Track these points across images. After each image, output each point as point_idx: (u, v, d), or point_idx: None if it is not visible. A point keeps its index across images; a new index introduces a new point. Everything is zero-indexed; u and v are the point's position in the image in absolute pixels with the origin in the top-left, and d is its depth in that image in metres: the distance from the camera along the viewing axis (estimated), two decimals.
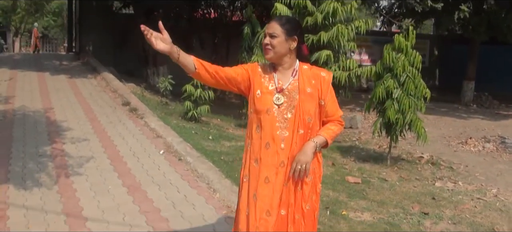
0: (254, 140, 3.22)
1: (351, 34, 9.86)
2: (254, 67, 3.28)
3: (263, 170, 3.17)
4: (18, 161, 6.80)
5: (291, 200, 3.18)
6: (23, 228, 4.74)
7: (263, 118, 3.18)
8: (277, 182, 3.15)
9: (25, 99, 11.02)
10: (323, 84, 3.26)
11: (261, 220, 3.16)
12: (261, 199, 3.16)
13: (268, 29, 3.19)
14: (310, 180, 3.22)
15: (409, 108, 8.00)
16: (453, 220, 5.88)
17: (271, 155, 3.17)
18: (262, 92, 3.21)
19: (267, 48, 3.19)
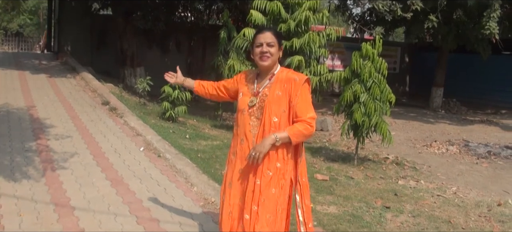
0: (234, 135, 3.83)
1: (322, 41, 10.34)
2: (241, 76, 3.91)
3: (237, 163, 3.74)
4: (5, 155, 7.17)
5: (250, 194, 3.64)
6: (15, 215, 5.12)
7: (240, 117, 3.74)
8: (249, 172, 3.67)
9: (8, 96, 11.30)
10: (294, 86, 3.63)
11: (234, 206, 3.72)
12: (235, 187, 3.74)
13: (266, 39, 3.65)
14: (270, 174, 3.62)
15: (375, 111, 8.52)
16: (412, 214, 6.37)
17: (244, 149, 3.69)
18: (243, 95, 3.79)
19: (266, 55, 3.65)
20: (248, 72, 3.92)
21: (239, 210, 3.71)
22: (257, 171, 3.64)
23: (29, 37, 47.64)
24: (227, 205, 3.75)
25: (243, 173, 3.72)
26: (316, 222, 5.63)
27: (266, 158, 3.61)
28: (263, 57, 3.67)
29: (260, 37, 3.68)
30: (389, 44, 25.34)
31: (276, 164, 3.65)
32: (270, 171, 3.63)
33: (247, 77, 3.86)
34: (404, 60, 25.83)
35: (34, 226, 4.88)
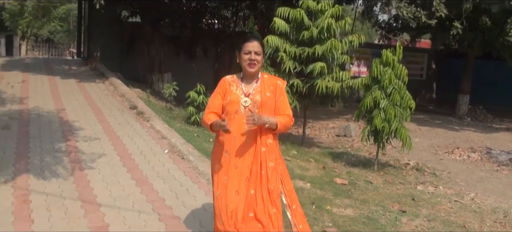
0: (224, 135, 4.07)
1: (344, 47, 10.49)
2: (223, 83, 4.23)
3: (232, 159, 4.04)
4: (36, 155, 7.51)
5: (258, 182, 3.99)
6: (44, 210, 5.43)
7: (232, 118, 4.04)
8: (244, 167, 4.02)
9: (39, 100, 11.72)
10: (278, 89, 4.17)
11: (231, 198, 3.99)
12: (231, 181, 4.02)
13: (254, 48, 4.07)
14: (272, 165, 4.04)
15: (395, 117, 8.67)
16: (428, 218, 6.50)
17: (239, 146, 4.04)
18: (231, 97, 4.11)
19: (254, 63, 4.07)
20: (229, 78, 4.24)
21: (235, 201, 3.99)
22: (257, 161, 4.02)
23: (60, 44, 48.64)
24: (223, 198, 4.02)
25: (239, 167, 4.03)
26: (331, 223, 5.81)
27: (263, 132, 4.05)
28: (251, 64, 4.08)
29: (249, 45, 4.08)
30: (416, 50, 25.29)
31: (274, 154, 4.10)
32: (271, 162, 4.05)
33: (231, 82, 4.20)
34: (431, 67, 25.74)
35: (61, 220, 5.18)
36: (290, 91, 10.40)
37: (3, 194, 5.86)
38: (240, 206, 3.97)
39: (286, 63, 10.21)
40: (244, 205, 3.98)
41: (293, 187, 4.35)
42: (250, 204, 3.97)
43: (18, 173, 6.64)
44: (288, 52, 10.33)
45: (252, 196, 3.98)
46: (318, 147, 11.44)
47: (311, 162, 9.28)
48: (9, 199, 5.71)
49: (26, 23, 45.37)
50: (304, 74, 10.40)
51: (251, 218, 3.94)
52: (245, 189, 4.01)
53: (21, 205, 5.53)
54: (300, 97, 10.66)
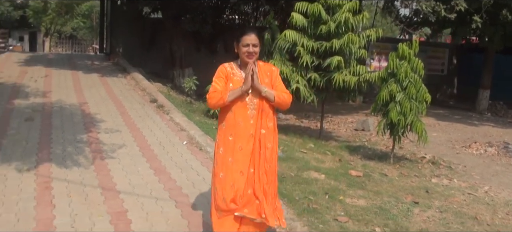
0: (228, 121, 4.35)
1: (362, 42, 10.57)
2: (223, 69, 4.46)
3: (237, 141, 4.30)
4: (58, 145, 7.78)
5: (257, 161, 4.31)
6: (65, 196, 5.68)
7: (236, 103, 4.33)
8: (248, 148, 4.30)
9: (61, 94, 12.03)
10: (273, 75, 4.50)
11: (236, 178, 4.27)
12: (236, 162, 4.29)
13: (252, 41, 4.31)
14: (270, 146, 4.37)
15: (410, 110, 8.75)
16: (440, 209, 6.58)
17: (243, 129, 4.31)
18: (234, 84, 4.36)
19: (252, 54, 4.32)
20: (227, 66, 4.49)
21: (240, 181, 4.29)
22: (258, 142, 4.33)
23: (83, 40, 49.16)
24: (229, 178, 4.27)
25: (243, 149, 4.31)
26: (343, 212, 5.94)
27: (264, 115, 4.36)
28: (249, 56, 4.32)
29: (247, 38, 4.32)
30: (437, 45, 25.14)
31: (272, 136, 4.42)
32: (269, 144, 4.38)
33: (231, 70, 4.45)
34: (452, 62, 25.54)
35: (82, 205, 5.42)
36: (307, 85, 10.53)
37: (26, 181, 6.12)
38: (243, 185, 4.27)
39: (303, 57, 10.33)
40: (244, 184, 4.27)
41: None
42: (249, 182, 4.29)
43: (40, 161, 6.91)
44: (306, 46, 10.44)
45: (251, 174, 4.30)
46: (335, 140, 11.55)
47: (327, 155, 9.39)
48: (32, 185, 5.98)
49: (50, 20, 46.00)
50: (322, 68, 10.50)
51: (249, 195, 4.26)
52: (247, 168, 4.29)
53: (43, 191, 5.78)
54: (318, 91, 10.77)
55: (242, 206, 4.24)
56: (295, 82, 10.35)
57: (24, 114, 9.66)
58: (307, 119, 15.10)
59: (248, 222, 4.29)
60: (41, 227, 4.84)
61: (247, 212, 4.24)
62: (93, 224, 4.98)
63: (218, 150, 4.42)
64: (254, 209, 4.25)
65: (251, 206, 4.25)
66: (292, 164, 7.92)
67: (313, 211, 5.75)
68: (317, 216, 5.59)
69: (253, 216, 4.24)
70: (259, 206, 4.25)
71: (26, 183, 6.04)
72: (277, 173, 6.35)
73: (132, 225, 5.00)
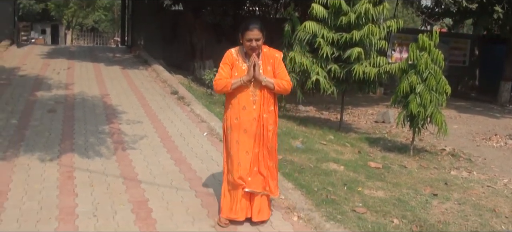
0: (233, 105, 4.83)
1: (382, 33, 10.55)
2: (230, 55, 4.87)
3: (242, 124, 4.78)
4: (80, 136, 7.92)
5: (260, 142, 4.81)
6: (88, 186, 5.80)
7: (239, 90, 4.76)
8: (252, 130, 4.79)
9: (83, 85, 12.18)
10: (276, 61, 4.88)
11: (243, 157, 4.79)
12: (242, 143, 4.79)
13: (254, 36, 4.67)
14: (272, 128, 4.84)
15: (430, 102, 8.74)
16: (459, 202, 6.55)
17: (247, 113, 4.78)
18: (238, 72, 4.78)
19: (254, 48, 4.70)
20: (233, 53, 4.88)
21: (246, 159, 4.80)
22: (260, 125, 4.79)
23: (104, 32, 49.54)
24: (236, 157, 4.78)
25: (248, 131, 4.78)
26: (361, 203, 5.97)
27: (265, 101, 4.80)
28: (252, 49, 4.72)
29: (249, 33, 4.69)
30: (459, 36, 24.84)
31: (273, 119, 4.87)
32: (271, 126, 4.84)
33: (237, 57, 4.85)
34: (474, 53, 25.20)
35: (104, 194, 5.54)
36: (327, 77, 10.54)
37: (49, 170, 6.26)
38: (248, 163, 4.80)
39: (323, 49, 10.35)
40: (250, 162, 4.79)
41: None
42: (254, 160, 4.83)
43: (63, 152, 7.05)
44: (326, 37, 10.45)
45: (256, 154, 4.83)
46: (355, 132, 11.55)
47: (347, 146, 9.40)
48: (55, 175, 6.11)
49: (71, 13, 46.42)
50: (342, 59, 10.52)
51: (255, 172, 4.83)
52: (252, 149, 4.80)
53: (65, 181, 5.91)
54: (338, 83, 10.79)
55: (249, 183, 4.79)
56: (315, 74, 10.37)
57: (47, 105, 9.82)
58: (327, 110, 15.11)
59: (257, 197, 4.87)
60: (64, 215, 4.95)
61: (254, 187, 4.81)
62: (114, 213, 5.08)
63: (227, 131, 4.94)
64: (259, 184, 4.82)
65: (257, 182, 4.82)
66: (312, 156, 7.96)
67: (331, 202, 5.79)
68: (336, 207, 5.63)
69: (259, 190, 4.82)
70: (264, 181, 4.84)
71: (49, 173, 6.17)
72: (296, 164, 6.47)
73: (152, 214, 5.10)
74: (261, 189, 4.83)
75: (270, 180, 4.88)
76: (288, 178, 6.49)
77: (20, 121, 8.65)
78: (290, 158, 7.61)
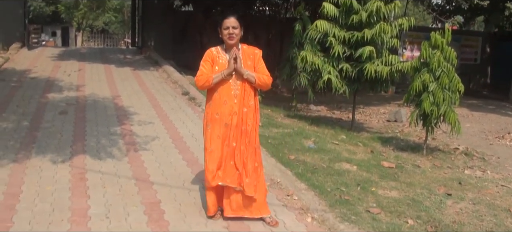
0: (214, 100, 4.83)
1: (394, 31, 10.48)
2: (210, 53, 4.91)
3: (222, 119, 4.79)
4: (92, 138, 7.90)
5: (238, 136, 4.82)
6: (100, 187, 5.78)
7: (221, 84, 4.79)
8: (232, 124, 4.80)
9: (94, 87, 12.19)
10: (256, 57, 4.93)
11: (223, 150, 4.82)
12: (223, 137, 4.81)
13: (231, 24, 4.72)
14: (251, 123, 4.85)
15: (443, 100, 8.66)
16: (473, 201, 6.47)
17: (228, 108, 4.79)
18: (219, 67, 4.81)
19: (232, 36, 4.74)
20: (214, 50, 4.92)
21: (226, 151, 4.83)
22: (240, 119, 4.80)
23: (115, 34, 49.73)
24: (218, 150, 4.81)
25: (228, 125, 4.79)
26: (375, 204, 5.91)
27: (246, 95, 4.83)
28: (230, 37, 4.75)
29: (226, 22, 4.74)
30: (470, 33, 24.67)
31: (253, 115, 4.88)
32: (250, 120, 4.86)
33: (217, 54, 4.89)
34: (485, 51, 24.98)
35: (116, 196, 5.51)
36: (339, 76, 10.49)
37: (61, 172, 6.24)
38: (225, 156, 4.83)
39: (335, 48, 10.31)
40: (227, 155, 4.83)
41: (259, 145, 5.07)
42: (231, 154, 4.84)
43: (75, 153, 7.03)
44: (337, 36, 10.41)
45: (233, 148, 4.83)
46: (367, 132, 11.49)
47: (359, 146, 9.34)
48: (66, 177, 6.09)
49: (81, 15, 46.62)
50: (353, 58, 10.46)
51: (231, 166, 4.84)
52: (230, 142, 4.82)
53: (77, 182, 5.89)
54: (349, 82, 10.73)
55: (224, 176, 4.82)
56: (326, 73, 10.34)
57: (58, 107, 9.83)
58: (339, 110, 15.06)
59: (233, 193, 4.87)
60: (76, 217, 4.93)
61: (229, 182, 4.81)
62: (127, 214, 5.05)
63: (206, 127, 4.89)
64: (235, 179, 4.82)
65: (232, 176, 4.82)
66: (324, 156, 7.90)
67: (345, 203, 5.74)
68: (349, 208, 5.58)
69: (234, 185, 4.81)
70: (239, 176, 4.82)
71: (61, 174, 6.15)
72: (309, 164, 6.40)
73: (165, 216, 5.06)
74: (236, 184, 4.82)
75: (244, 176, 4.82)
76: (301, 178, 6.44)
77: (32, 123, 8.66)
78: (303, 158, 7.57)
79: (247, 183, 4.81)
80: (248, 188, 4.81)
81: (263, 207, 4.97)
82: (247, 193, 4.81)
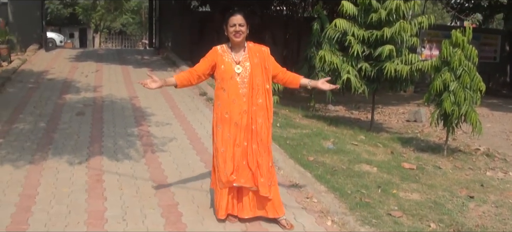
0: (222, 100, 4.77)
1: (414, 29, 10.33)
2: (214, 52, 4.85)
3: (232, 118, 4.73)
4: (109, 139, 7.87)
5: (249, 135, 4.76)
6: (117, 189, 5.74)
7: (228, 83, 4.73)
8: (242, 123, 4.73)
9: (112, 88, 12.19)
10: (264, 54, 4.85)
11: (234, 150, 4.75)
12: (233, 136, 4.75)
13: (238, 21, 4.69)
14: (261, 121, 4.77)
15: (465, 100, 8.49)
16: (496, 204, 6.32)
17: (237, 107, 4.72)
18: (225, 66, 4.75)
19: (239, 33, 4.70)
20: (219, 48, 4.85)
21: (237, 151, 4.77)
22: (250, 118, 4.75)
23: (132, 35, 49.91)
24: (230, 151, 4.75)
25: (238, 124, 4.73)
26: (396, 207, 5.79)
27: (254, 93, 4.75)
28: (236, 34, 4.70)
29: (233, 19, 4.71)
30: (489, 31, 24.33)
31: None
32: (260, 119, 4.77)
33: (222, 52, 4.82)
34: (505, 49, 24.59)
35: (133, 198, 5.46)
36: (358, 75, 10.36)
37: (77, 174, 6.22)
38: (238, 156, 4.75)
39: (354, 47, 10.18)
40: (239, 155, 4.75)
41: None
42: (243, 154, 4.77)
43: (92, 155, 7.02)
44: (356, 35, 10.28)
45: (245, 147, 4.77)
46: (387, 132, 11.35)
47: (379, 147, 9.21)
48: (83, 178, 6.07)
49: (99, 17, 46.89)
50: (373, 57, 10.33)
51: (244, 166, 4.77)
52: (241, 141, 4.75)
53: (94, 184, 5.86)
54: (369, 81, 10.60)
55: (239, 177, 4.75)
56: (345, 73, 10.21)
57: (75, 108, 9.82)
58: (357, 110, 14.92)
59: (246, 194, 4.83)
60: (93, 219, 4.88)
61: (243, 182, 4.75)
62: (144, 217, 5.00)
63: (216, 128, 4.84)
64: (249, 179, 4.75)
65: (246, 176, 4.76)
66: (344, 157, 7.78)
67: (365, 205, 5.62)
68: (370, 211, 5.46)
69: (249, 185, 4.75)
70: (253, 176, 4.74)
71: (77, 176, 6.13)
72: (328, 165, 6.30)
73: (183, 218, 5.01)
74: (251, 184, 4.76)
75: (258, 175, 4.74)
76: (321, 180, 6.33)
77: (49, 124, 8.66)
78: (322, 160, 7.46)
79: (262, 183, 4.74)
80: (263, 188, 4.74)
81: (279, 207, 4.90)
82: (261, 193, 4.75)
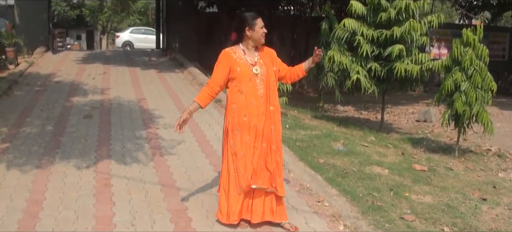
0: (239, 102, 4.66)
1: (423, 28, 10.23)
2: (227, 56, 4.76)
3: (251, 120, 4.64)
4: (117, 142, 7.79)
5: (268, 136, 4.69)
6: (125, 193, 5.67)
7: (246, 85, 4.66)
8: (260, 125, 4.66)
9: (120, 90, 12.10)
10: (273, 56, 4.87)
11: (254, 153, 4.67)
12: (252, 139, 4.66)
13: (263, 23, 4.69)
14: (278, 122, 4.77)
15: (476, 100, 8.39)
16: (509, 207, 6.22)
17: (255, 108, 4.65)
18: (241, 68, 4.67)
19: (264, 36, 4.70)
20: (230, 51, 4.78)
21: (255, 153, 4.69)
22: (268, 119, 4.69)
23: None
24: (250, 153, 4.66)
25: (257, 126, 4.65)
26: (409, 210, 5.69)
27: (271, 94, 4.72)
28: (264, 35, 4.71)
29: (261, 21, 4.70)
30: (497, 29, 24.11)
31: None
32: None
33: (236, 55, 4.74)
34: None
35: (142, 203, 5.38)
36: (367, 76, 10.27)
37: (85, 178, 6.15)
38: (257, 158, 4.68)
39: (363, 47, 10.10)
40: (258, 157, 4.68)
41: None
42: (262, 156, 4.70)
43: (100, 158, 6.94)
44: (366, 35, 10.19)
45: (264, 148, 4.70)
46: (397, 133, 11.25)
47: (389, 148, 9.11)
48: (91, 183, 5.99)
49: (106, 18, 46.96)
50: (382, 57, 10.24)
51: (262, 167, 4.70)
52: (260, 143, 4.68)
53: (102, 189, 5.79)
54: (378, 82, 10.51)
55: (256, 178, 4.67)
56: (355, 73, 10.12)
57: (82, 111, 9.75)
58: (366, 110, 14.82)
59: (259, 196, 4.76)
60: (101, 225, 4.82)
61: (261, 183, 4.68)
62: (153, 222, 4.93)
63: (233, 131, 4.71)
64: (266, 180, 4.70)
65: (264, 178, 4.69)
66: (354, 159, 7.68)
67: (378, 209, 5.53)
68: (383, 215, 5.37)
69: (266, 186, 4.69)
70: (271, 177, 4.70)
71: (85, 180, 6.06)
72: (339, 167, 6.23)
73: (192, 223, 4.93)
74: (268, 185, 4.70)
75: (277, 176, 4.74)
76: (332, 183, 6.24)
77: (56, 127, 8.58)
78: (332, 162, 7.36)
79: (279, 183, 4.74)
80: (280, 188, 4.75)
81: (284, 211, 4.91)
82: (279, 193, 4.74)
